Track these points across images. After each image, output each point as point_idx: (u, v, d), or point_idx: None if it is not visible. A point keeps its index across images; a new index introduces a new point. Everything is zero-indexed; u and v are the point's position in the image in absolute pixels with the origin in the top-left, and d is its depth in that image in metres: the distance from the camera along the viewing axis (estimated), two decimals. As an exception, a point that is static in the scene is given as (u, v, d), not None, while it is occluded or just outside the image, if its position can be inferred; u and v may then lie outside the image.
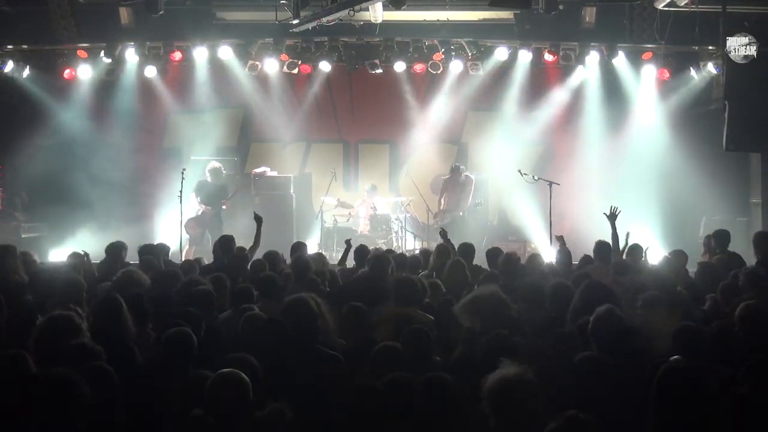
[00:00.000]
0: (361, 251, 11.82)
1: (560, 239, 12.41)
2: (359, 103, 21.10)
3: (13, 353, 6.08)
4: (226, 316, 8.24)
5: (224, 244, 11.89)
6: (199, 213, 17.82)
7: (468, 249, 11.74)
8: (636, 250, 11.91)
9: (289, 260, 11.47)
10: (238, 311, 7.94)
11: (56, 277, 8.87)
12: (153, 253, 11.67)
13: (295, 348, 6.70)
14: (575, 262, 12.19)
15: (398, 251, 15.58)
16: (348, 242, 12.82)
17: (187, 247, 17.27)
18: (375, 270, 9.89)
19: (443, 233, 13.10)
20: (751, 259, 11.57)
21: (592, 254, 11.78)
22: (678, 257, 11.46)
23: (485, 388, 5.22)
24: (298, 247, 12.01)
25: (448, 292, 9.36)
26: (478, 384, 5.37)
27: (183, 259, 14.57)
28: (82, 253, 11.72)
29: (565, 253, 11.97)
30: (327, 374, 6.45)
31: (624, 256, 11.72)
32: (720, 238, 12.14)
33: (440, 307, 8.58)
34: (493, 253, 11.64)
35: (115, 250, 11.82)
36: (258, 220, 12.76)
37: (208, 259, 13.01)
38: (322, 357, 6.72)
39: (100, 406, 5.42)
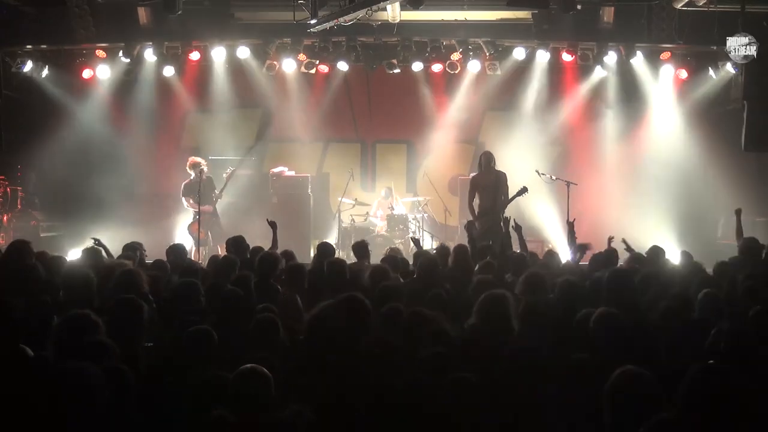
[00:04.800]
0: (361, 246, 11.80)
1: (570, 225, 12.35)
2: (377, 103, 21.15)
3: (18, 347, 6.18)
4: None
5: (237, 244, 11.79)
6: (196, 216, 17.47)
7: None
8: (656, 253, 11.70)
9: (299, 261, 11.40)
10: None
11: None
12: (179, 254, 11.69)
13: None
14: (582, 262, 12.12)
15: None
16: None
17: (194, 248, 17.18)
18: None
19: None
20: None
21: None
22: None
23: (607, 383, 5.26)
24: (328, 249, 11.71)
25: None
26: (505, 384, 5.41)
27: (199, 261, 14.58)
28: (95, 244, 11.59)
29: (572, 241, 11.95)
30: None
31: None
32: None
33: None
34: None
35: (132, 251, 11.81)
36: (272, 225, 12.57)
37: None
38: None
39: (115, 404, 5.44)
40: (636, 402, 5.17)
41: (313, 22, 14.91)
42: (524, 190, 15.25)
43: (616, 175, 19.63)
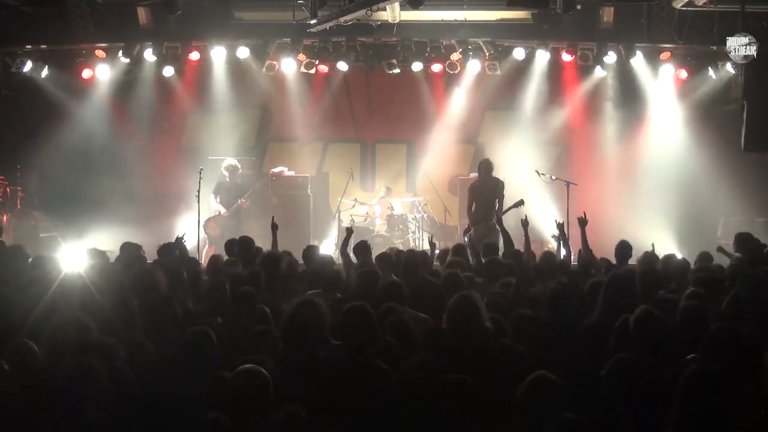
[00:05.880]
0: (362, 247, 11.78)
1: (560, 226, 12.38)
2: (376, 103, 21.14)
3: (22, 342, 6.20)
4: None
5: (244, 245, 11.78)
6: (218, 213, 17.77)
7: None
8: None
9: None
10: None
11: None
12: (170, 254, 11.64)
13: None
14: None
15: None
16: (348, 230, 12.77)
17: (206, 246, 17.26)
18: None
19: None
20: None
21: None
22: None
23: (519, 390, 5.24)
24: (312, 251, 11.85)
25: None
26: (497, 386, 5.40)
27: (202, 260, 14.57)
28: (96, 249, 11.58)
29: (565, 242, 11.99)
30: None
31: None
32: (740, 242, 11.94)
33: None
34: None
35: (131, 251, 11.82)
36: (274, 227, 12.48)
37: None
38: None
39: (115, 404, 5.45)
40: (544, 408, 5.17)
41: (312, 22, 14.94)
42: (521, 202, 15.20)
43: (616, 175, 19.61)
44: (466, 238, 15.21)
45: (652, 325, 6.59)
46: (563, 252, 12.32)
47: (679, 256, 11.75)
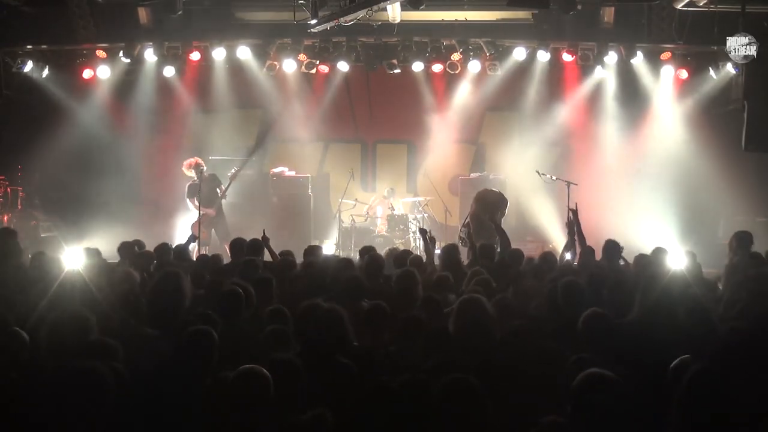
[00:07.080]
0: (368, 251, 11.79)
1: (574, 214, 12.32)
2: (377, 103, 21.14)
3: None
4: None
5: (252, 247, 11.66)
6: (202, 214, 17.40)
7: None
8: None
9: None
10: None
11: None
12: (165, 253, 11.66)
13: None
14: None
15: (415, 251, 15.49)
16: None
17: (196, 248, 17.12)
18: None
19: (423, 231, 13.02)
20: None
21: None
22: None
23: (572, 385, 5.20)
24: (314, 251, 11.79)
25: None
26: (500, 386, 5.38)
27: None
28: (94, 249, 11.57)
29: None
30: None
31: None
32: (741, 240, 11.93)
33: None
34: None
35: (127, 250, 11.82)
36: (264, 240, 11.93)
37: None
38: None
39: (114, 405, 5.44)
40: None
41: (313, 22, 14.91)
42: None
43: (617, 175, 19.59)
44: (462, 234, 15.07)
45: (600, 325, 6.61)
46: (568, 256, 12.28)
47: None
